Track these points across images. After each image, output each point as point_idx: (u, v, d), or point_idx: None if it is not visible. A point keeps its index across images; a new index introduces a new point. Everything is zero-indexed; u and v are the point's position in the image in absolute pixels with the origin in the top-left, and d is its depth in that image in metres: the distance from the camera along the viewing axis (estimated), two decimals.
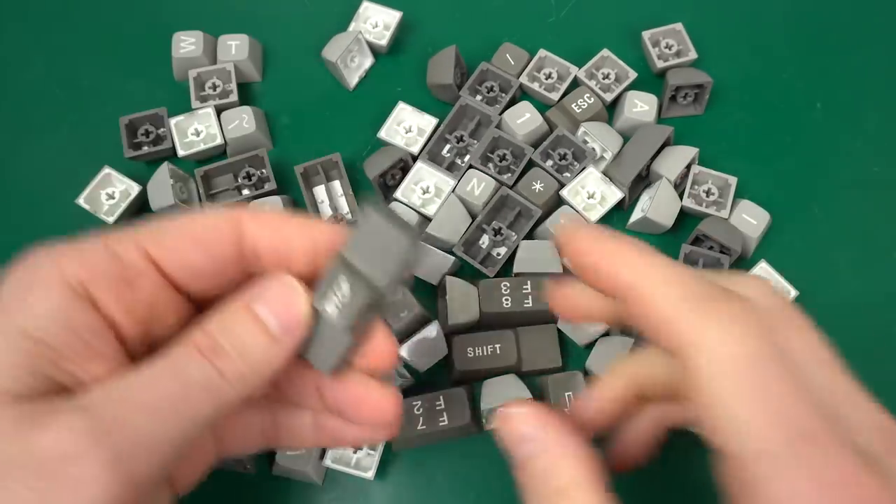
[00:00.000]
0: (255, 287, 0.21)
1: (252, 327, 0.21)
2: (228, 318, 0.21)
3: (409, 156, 0.40)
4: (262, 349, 0.21)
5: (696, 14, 0.45)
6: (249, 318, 0.21)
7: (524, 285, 0.36)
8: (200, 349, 0.20)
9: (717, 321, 0.20)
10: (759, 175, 0.41)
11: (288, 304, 0.21)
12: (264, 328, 0.21)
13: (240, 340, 0.20)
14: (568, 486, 0.21)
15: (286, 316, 0.21)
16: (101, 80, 0.44)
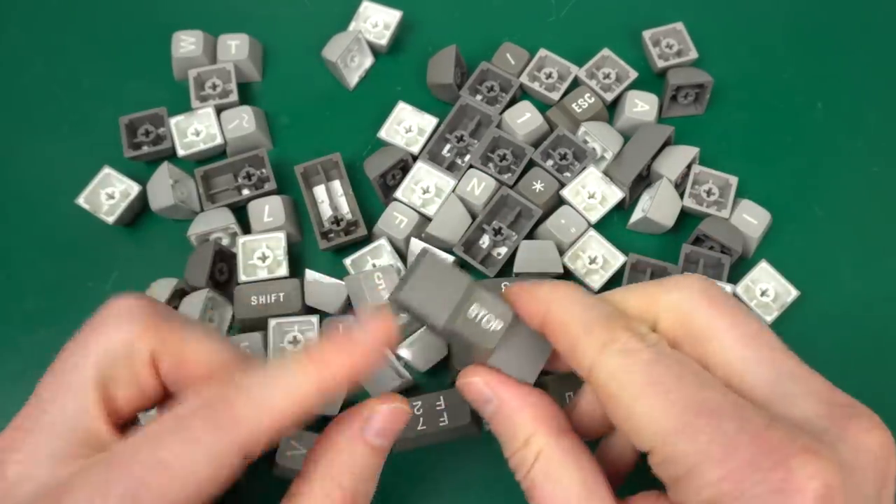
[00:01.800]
0: (363, 414, 0.24)
1: (373, 458, 0.24)
2: (353, 458, 0.24)
3: (409, 156, 0.40)
4: (380, 466, 0.25)
5: (696, 13, 0.45)
6: (370, 452, 0.24)
7: None
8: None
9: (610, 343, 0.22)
10: (759, 175, 0.40)
11: (398, 423, 0.25)
12: (381, 451, 0.24)
13: (367, 474, 0.24)
14: (531, 435, 0.24)
15: (396, 428, 0.25)
16: (101, 80, 0.44)
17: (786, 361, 0.22)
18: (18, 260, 0.40)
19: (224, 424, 0.21)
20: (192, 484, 0.20)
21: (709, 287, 0.24)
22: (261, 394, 0.22)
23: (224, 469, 0.21)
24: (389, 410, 0.24)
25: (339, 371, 0.23)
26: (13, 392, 0.37)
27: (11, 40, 0.45)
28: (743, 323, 0.23)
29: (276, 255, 0.37)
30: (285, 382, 0.22)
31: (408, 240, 0.37)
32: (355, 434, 0.24)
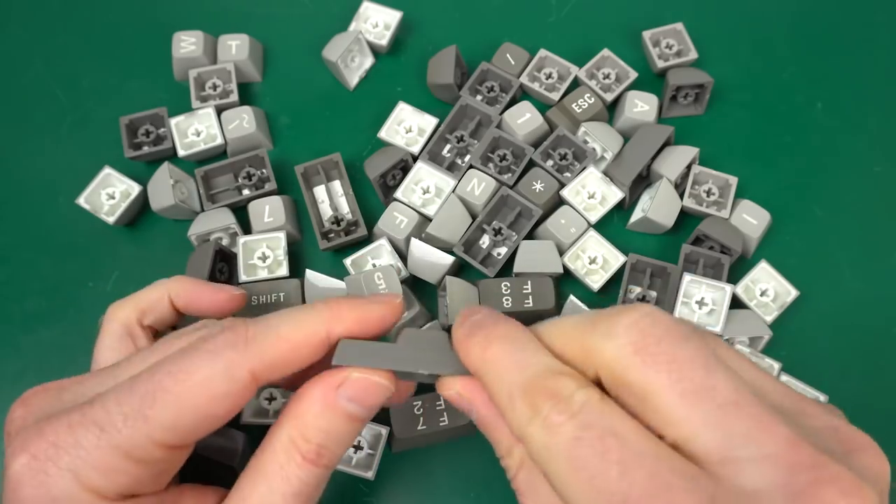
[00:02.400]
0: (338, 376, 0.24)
1: (345, 422, 0.24)
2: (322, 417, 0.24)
3: (409, 156, 0.40)
4: (353, 433, 0.25)
5: (696, 14, 0.45)
6: (341, 414, 0.24)
7: (524, 285, 0.36)
8: (305, 455, 0.23)
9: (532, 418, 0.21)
10: (759, 175, 0.41)
11: (374, 395, 0.24)
12: (353, 416, 0.24)
13: (336, 436, 0.24)
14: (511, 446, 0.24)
15: (373, 405, 0.24)
16: (101, 80, 0.44)
17: (738, 418, 0.19)
18: (18, 260, 0.40)
19: (239, 343, 0.23)
20: (206, 393, 0.22)
21: (643, 333, 0.21)
22: (274, 321, 0.24)
23: (237, 385, 0.23)
24: (366, 380, 0.24)
25: (347, 319, 0.25)
26: (13, 392, 0.37)
27: (11, 40, 0.45)
28: (686, 376, 0.20)
29: (276, 255, 0.37)
30: (298, 317, 0.24)
31: (408, 240, 0.37)
32: (329, 392, 0.24)
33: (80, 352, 0.37)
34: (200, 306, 0.31)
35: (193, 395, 0.22)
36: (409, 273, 0.37)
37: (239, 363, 0.23)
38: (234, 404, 0.23)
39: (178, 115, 0.41)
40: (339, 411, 0.24)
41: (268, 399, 0.34)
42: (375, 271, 0.34)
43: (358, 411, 0.24)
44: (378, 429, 0.34)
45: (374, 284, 0.34)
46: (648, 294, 0.36)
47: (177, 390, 0.22)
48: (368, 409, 0.24)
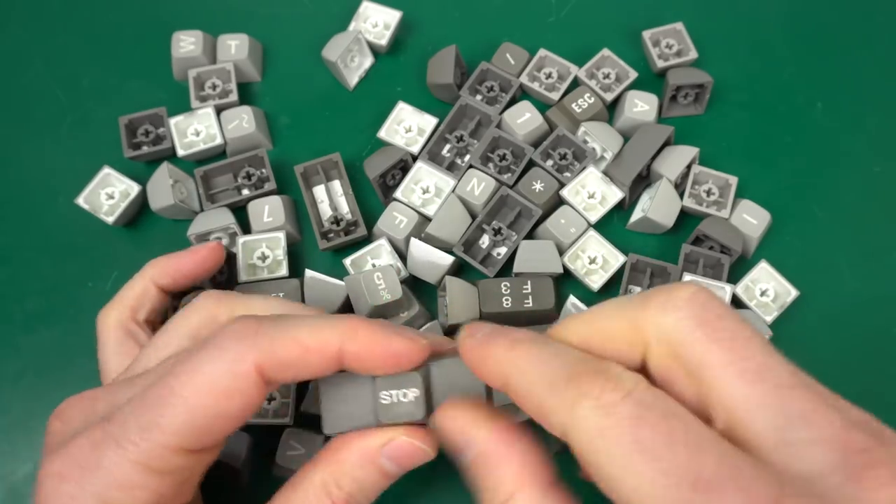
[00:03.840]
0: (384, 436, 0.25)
1: (380, 479, 0.25)
2: (360, 470, 0.24)
3: (409, 156, 0.40)
4: (382, 488, 0.25)
5: (696, 14, 0.45)
6: (379, 472, 0.25)
7: (524, 285, 0.36)
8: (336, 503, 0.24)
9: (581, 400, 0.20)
10: (759, 175, 0.40)
11: (415, 460, 0.25)
12: (388, 473, 0.25)
13: (368, 490, 0.25)
14: (513, 492, 0.21)
15: (410, 464, 0.25)
16: (101, 80, 0.44)
17: (795, 400, 0.19)
18: (18, 260, 0.40)
19: (247, 335, 0.23)
20: (214, 392, 0.22)
21: (704, 307, 0.20)
22: (289, 322, 0.24)
23: (244, 381, 0.22)
24: (411, 445, 0.25)
25: (364, 340, 0.24)
26: (13, 392, 0.37)
27: (11, 40, 0.45)
28: (746, 355, 0.20)
29: (275, 255, 0.37)
30: (313, 323, 0.24)
31: (407, 240, 0.37)
32: (372, 449, 0.24)
33: (79, 352, 0.37)
34: (186, 276, 0.32)
35: (201, 396, 0.22)
36: (409, 273, 0.37)
37: (245, 357, 0.22)
38: (246, 403, 0.23)
39: (177, 114, 0.41)
40: (376, 467, 0.24)
41: (267, 400, 0.34)
42: (375, 271, 0.34)
43: (394, 470, 0.25)
44: None
45: (374, 284, 0.34)
46: None
47: (184, 393, 0.22)
48: (404, 470, 0.25)
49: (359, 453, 0.24)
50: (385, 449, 0.24)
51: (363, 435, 0.25)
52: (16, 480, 0.35)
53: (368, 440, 0.24)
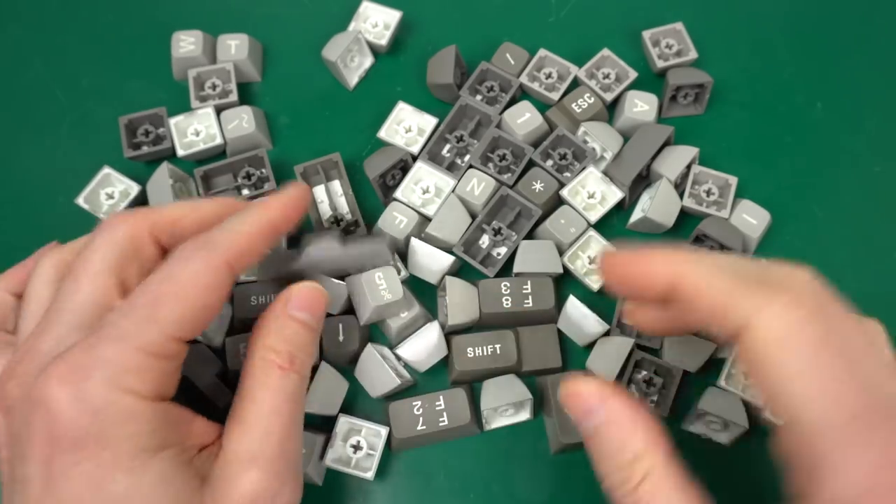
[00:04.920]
0: (283, 296, 0.28)
1: (301, 329, 0.27)
2: (282, 329, 0.27)
3: (409, 156, 0.40)
4: (312, 339, 0.28)
5: (696, 13, 0.45)
6: (297, 324, 0.27)
7: (524, 285, 0.36)
8: (279, 364, 0.26)
9: (773, 301, 0.21)
10: (759, 175, 0.40)
11: (316, 301, 0.28)
12: (307, 325, 0.28)
13: (299, 342, 0.27)
14: (642, 453, 0.23)
15: (317, 309, 0.28)
16: (101, 80, 0.44)
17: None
18: (18, 260, 0.40)
19: (207, 245, 0.26)
20: (198, 286, 0.25)
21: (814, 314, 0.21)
22: (229, 224, 0.27)
23: (219, 275, 0.25)
24: (307, 289, 0.28)
25: (278, 210, 0.29)
26: None
27: (11, 40, 0.45)
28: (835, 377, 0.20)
29: None
30: (246, 217, 0.28)
31: (408, 240, 0.37)
32: (280, 310, 0.27)
33: None
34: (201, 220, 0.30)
35: (189, 291, 0.25)
36: (409, 273, 0.37)
37: (213, 257, 0.26)
38: (222, 293, 0.26)
39: (177, 114, 0.41)
40: (293, 321, 0.27)
41: None
42: (376, 271, 0.34)
43: (309, 319, 0.28)
44: (378, 429, 0.34)
45: (375, 284, 0.34)
46: None
47: (175, 290, 0.25)
48: (317, 317, 0.28)
49: (276, 317, 0.27)
50: (290, 304, 0.27)
51: (270, 306, 0.28)
52: None
53: (275, 304, 0.28)
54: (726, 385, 0.34)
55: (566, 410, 0.25)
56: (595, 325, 0.35)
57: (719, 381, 0.34)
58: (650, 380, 0.35)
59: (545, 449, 0.35)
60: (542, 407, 0.35)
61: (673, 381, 0.35)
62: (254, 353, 0.27)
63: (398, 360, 0.36)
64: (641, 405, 0.25)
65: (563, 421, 0.33)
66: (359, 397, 0.36)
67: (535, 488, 0.34)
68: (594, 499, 0.34)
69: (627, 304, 0.30)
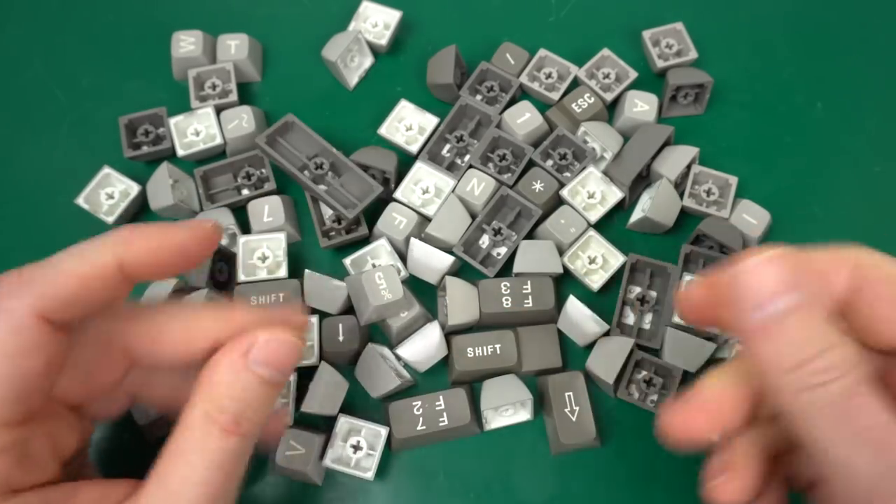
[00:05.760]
0: (245, 342, 0.23)
1: (259, 386, 0.23)
2: (235, 384, 0.23)
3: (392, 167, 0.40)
4: (270, 398, 0.23)
5: (696, 13, 0.45)
6: (254, 379, 0.23)
7: (524, 285, 0.36)
8: (223, 427, 0.22)
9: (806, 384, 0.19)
10: (759, 175, 0.40)
11: (285, 355, 0.23)
12: (267, 381, 0.23)
13: (252, 401, 0.23)
14: (841, 342, 0.19)
15: (285, 365, 0.23)
16: (101, 80, 0.44)
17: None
18: (18, 260, 0.39)
19: (13, 288, 0.21)
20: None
21: None
22: (55, 258, 0.22)
23: (30, 334, 0.21)
24: (276, 342, 0.23)
25: (141, 247, 0.23)
26: None
27: (11, 40, 0.45)
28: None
29: (276, 255, 0.37)
30: (81, 248, 0.23)
31: (408, 240, 0.37)
32: (237, 360, 0.23)
33: None
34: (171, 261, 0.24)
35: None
36: (409, 273, 0.37)
37: (19, 309, 0.21)
38: (45, 359, 0.21)
39: (177, 114, 0.41)
40: (252, 376, 0.23)
41: None
42: (376, 271, 0.34)
43: (272, 375, 0.23)
44: (378, 429, 0.34)
45: (375, 284, 0.34)
46: (648, 294, 0.36)
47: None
48: (282, 372, 0.23)
49: (229, 370, 0.23)
50: (251, 356, 0.23)
51: (225, 351, 0.23)
52: None
53: (232, 352, 0.23)
54: None
55: (733, 292, 0.20)
56: (595, 325, 0.35)
57: None
58: (650, 380, 0.35)
59: (545, 449, 0.35)
60: (542, 407, 0.35)
61: (673, 381, 0.35)
62: (195, 405, 0.22)
63: (398, 360, 0.36)
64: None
65: (562, 421, 0.34)
66: (359, 397, 0.36)
67: (535, 488, 0.34)
68: (594, 499, 0.34)
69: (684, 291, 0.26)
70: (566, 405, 0.34)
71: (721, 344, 0.35)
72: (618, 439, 0.35)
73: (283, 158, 0.38)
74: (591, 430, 0.33)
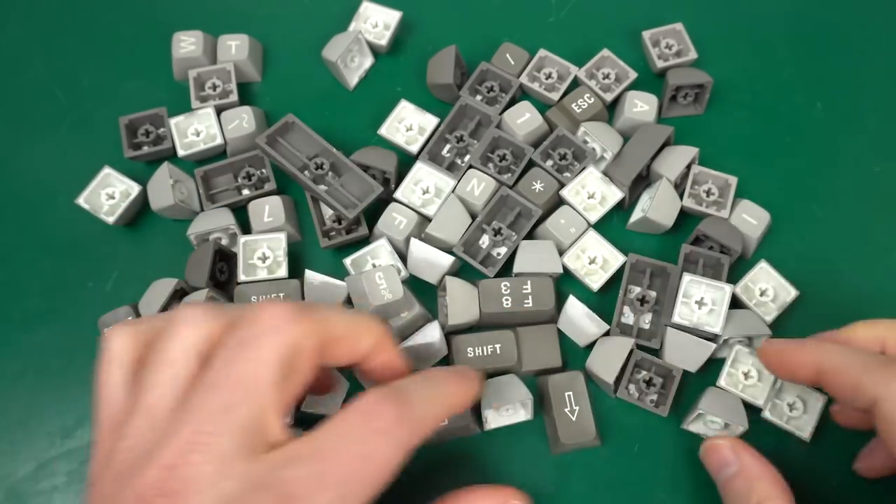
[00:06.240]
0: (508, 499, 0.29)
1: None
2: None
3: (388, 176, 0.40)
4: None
5: (696, 14, 0.45)
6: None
7: (524, 285, 0.36)
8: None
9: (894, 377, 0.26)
10: (759, 175, 0.40)
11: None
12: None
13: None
14: (765, 498, 0.28)
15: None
16: (101, 80, 0.44)
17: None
18: (18, 260, 0.40)
19: (407, 422, 0.25)
20: (387, 471, 0.24)
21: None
22: (430, 395, 0.27)
23: (405, 457, 0.25)
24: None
25: (468, 392, 0.29)
26: (13, 392, 0.37)
27: (10, 40, 0.45)
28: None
29: (276, 255, 0.37)
30: (443, 393, 0.28)
31: (408, 240, 0.37)
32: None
33: (79, 352, 0.37)
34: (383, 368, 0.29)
35: (378, 477, 0.24)
36: (409, 273, 0.37)
37: (411, 440, 0.25)
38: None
39: (177, 115, 0.41)
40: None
41: None
42: (377, 271, 0.34)
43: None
44: None
45: (376, 284, 0.34)
46: (648, 294, 0.36)
47: (364, 472, 0.24)
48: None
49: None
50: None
51: (490, 498, 0.29)
52: (16, 480, 0.35)
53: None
54: (726, 385, 0.34)
55: (704, 463, 0.32)
56: (595, 325, 0.35)
57: (719, 381, 0.34)
58: (650, 380, 0.35)
59: (545, 449, 0.35)
60: (542, 407, 0.35)
61: (673, 381, 0.35)
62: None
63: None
64: (767, 462, 0.30)
65: (563, 421, 0.34)
66: None
67: (534, 488, 0.34)
68: (594, 498, 0.34)
69: (833, 406, 0.34)
70: (566, 405, 0.34)
71: (720, 344, 0.35)
72: (618, 439, 0.35)
73: (284, 158, 0.38)
74: (591, 430, 0.34)
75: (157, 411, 0.23)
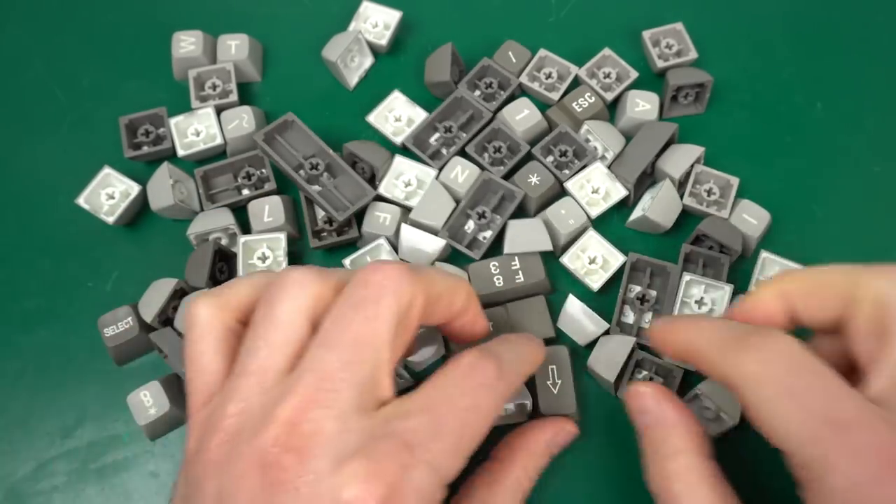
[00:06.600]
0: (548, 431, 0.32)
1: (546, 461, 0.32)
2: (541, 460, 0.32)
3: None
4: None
5: (696, 13, 0.45)
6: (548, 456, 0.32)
7: (513, 262, 0.36)
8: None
9: (748, 355, 0.24)
10: (759, 174, 0.40)
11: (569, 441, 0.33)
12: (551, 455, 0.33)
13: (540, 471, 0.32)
14: (677, 451, 0.27)
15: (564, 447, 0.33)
16: (101, 80, 0.44)
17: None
18: (18, 260, 0.40)
19: (505, 376, 0.26)
20: (490, 420, 0.25)
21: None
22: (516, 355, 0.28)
23: (502, 409, 0.27)
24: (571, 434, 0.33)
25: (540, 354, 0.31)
26: (13, 392, 0.37)
27: (11, 40, 0.45)
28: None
29: (276, 255, 0.37)
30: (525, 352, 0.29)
31: (397, 235, 0.37)
32: (546, 442, 0.31)
33: (79, 352, 0.37)
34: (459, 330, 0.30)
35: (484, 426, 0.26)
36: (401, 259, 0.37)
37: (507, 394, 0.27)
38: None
39: (177, 114, 0.41)
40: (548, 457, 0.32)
41: None
42: None
43: (554, 452, 0.32)
44: None
45: None
46: (648, 293, 0.36)
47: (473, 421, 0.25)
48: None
49: (540, 447, 0.31)
50: (553, 442, 0.32)
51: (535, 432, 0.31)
52: (16, 480, 0.35)
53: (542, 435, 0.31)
54: None
55: (626, 405, 0.29)
56: (595, 325, 0.35)
57: None
58: (650, 380, 0.35)
59: None
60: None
61: (673, 381, 0.34)
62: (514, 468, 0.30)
63: None
64: (690, 411, 0.28)
65: (544, 393, 0.34)
66: None
67: (535, 488, 0.34)
68: (594, 498, 0.34)
69: None
70: (548, 378, 0.34)
71: None
72: (618, 438, 0.35)
73: (280, 157, 0.38)
74: (571, 404, 0.33)
75: (268, 373, 0.24)
